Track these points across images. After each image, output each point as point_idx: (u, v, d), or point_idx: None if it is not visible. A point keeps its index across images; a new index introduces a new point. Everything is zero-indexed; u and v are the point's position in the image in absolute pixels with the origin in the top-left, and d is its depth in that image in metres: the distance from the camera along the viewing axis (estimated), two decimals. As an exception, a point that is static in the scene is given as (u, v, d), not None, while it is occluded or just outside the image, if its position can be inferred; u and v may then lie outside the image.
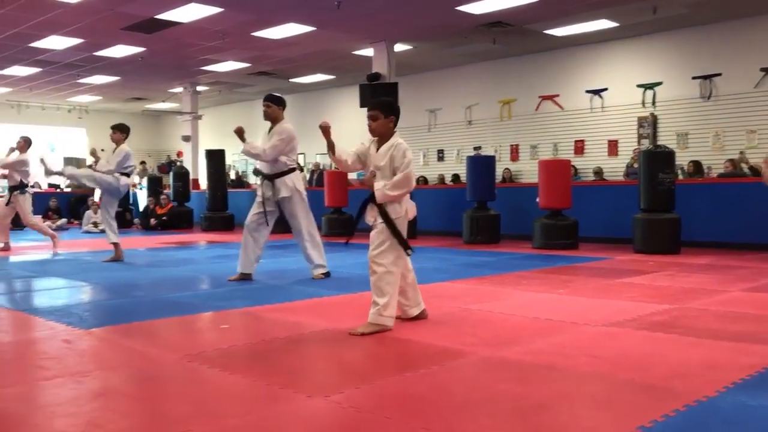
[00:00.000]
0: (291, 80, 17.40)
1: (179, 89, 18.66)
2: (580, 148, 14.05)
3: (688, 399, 2.61)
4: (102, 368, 3.26)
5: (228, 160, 16.43)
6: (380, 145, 4.00)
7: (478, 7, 10.96)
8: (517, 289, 5.62)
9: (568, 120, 14.24)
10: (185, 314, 4.61)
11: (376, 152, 4.00)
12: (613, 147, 13.61)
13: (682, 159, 11.62)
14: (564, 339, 3.72)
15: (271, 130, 6.02)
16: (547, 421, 2.44)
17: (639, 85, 13.11)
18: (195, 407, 2.62)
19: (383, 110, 4.00)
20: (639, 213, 8.70)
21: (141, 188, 18.49)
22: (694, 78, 12.37)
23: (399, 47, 13.57)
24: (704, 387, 2.76)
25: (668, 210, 8.53)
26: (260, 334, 3.97)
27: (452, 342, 3.63)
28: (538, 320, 4.25)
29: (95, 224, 13.93)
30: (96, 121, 21.67)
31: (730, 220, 8.95)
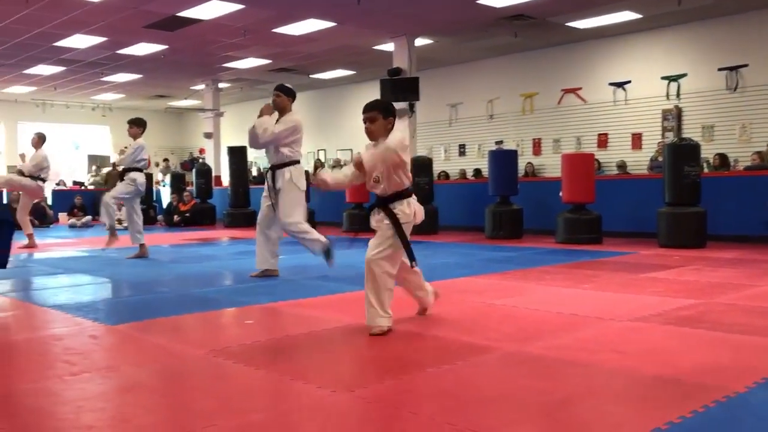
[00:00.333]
0: (311, 76, 17.42)
1: (201, 86, 18.78)
2: (603, 141, 13.91)
3: (717, 395, 2.57)
4: (128, 364, 3.29)
5: (250, 157, 16.50)
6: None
7: (499, 0, 10.88)
8: (541, 284, 5.58)
9: (591, 113, 14.10)
10: (209, 310, 4.64)
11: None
12: (636, 140, 13.45)
13: (707, 152, 11.45)
14: (589, 334, 3.69)
15: (278, 120, 6.07)
16: (572, 416, 2.42)
17: (663, 77, 12.94)
18: (220, 402, 2.64)
19: (382, 111, 3.78)
20: (664, 207, 8.60)
21: (164, 185, 18.66)
22: (720, 69, 12.17)
23: (420, 42, 13.52)
24: (733, 383, 2.72)
25: (694, 204, 8.42)
26: (283, 330, 3.98)
27: (476, 337, 3.61)
28: (562, 315, 4.21)
29: (119, 221, 14.05)
30: (120, 118, 21.78)
31: (757, 213, 8.80)
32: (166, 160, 22.31)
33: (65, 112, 21.27)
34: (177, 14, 11.47)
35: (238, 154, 14.98)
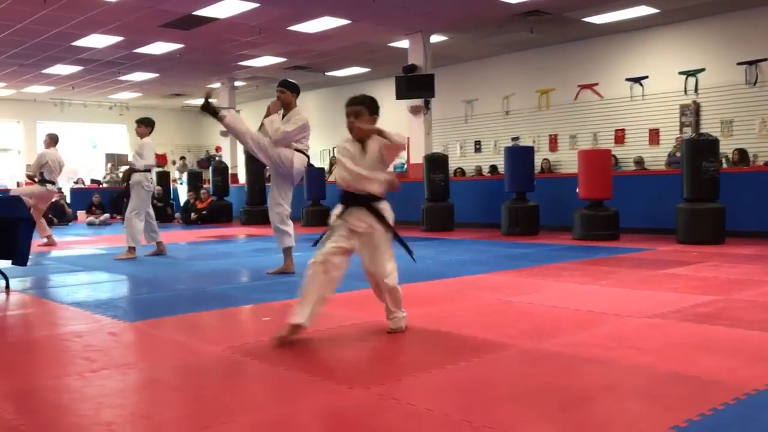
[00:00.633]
0: (327, 73, 17.44)
1: (217, 85, 18.86)
2: (620, 137, 13.81)
3: (737, 392, 2.54)
4: (147, 360, 3.32)
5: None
6: (364, 145, 3.53)
7: (514, -4, 10.84)
8: (558, 280, 5.56)
9: (607, 109, 14.00)
10: (227, 307, 4.67)
11: (362, 152, 3.53)
12: (654, 136, 13.34)
13: (726, 147, 11.34)
14: (606, 331, 3.67)
15: (284, 117, 6.10)
16: (590, 414, 2.41)
17: (681, 72, 12.82)
18: (238, 398, 2.66)
19: (369, 107, 3.53)
20: (682, 203, 8.53)
21: (181, 183, 18.77)
22: (739, 64, 12.03)
23: (435, 38, 13.49)
24: (753, 380, 2.69)
25: (712, 199, 8.34)
26: (300, 327, 3.99)
27: (493, 334, 3.61)
28: (579, 312, 4.19)
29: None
30: (137, 117, 21.99)
31: (777, 209, 8.72)
32: (182, 158, 22.44)
33: (83, 111, 21.46)
34: (193, 13, 11.52)
35: (254, 152, 15.00)
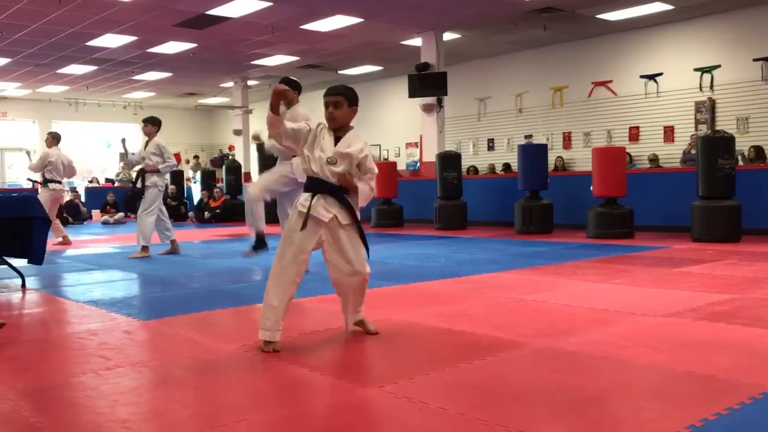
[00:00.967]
0: (339, 72, 17.45)
1: (230, 84, 18.94)
2: (634, 134, 13.73)
3: (753, 391, 2.52)
4: (161, 358, 3.34)
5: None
6: (338, 135, 3.55)
7: (527, -7, 10.81)
8: (572, 279, 5.53)
9: (622, 106, 13.92)
10: (240, 305, 4.69)
11: (333, 142, 3.53)
12: (669, 133, 13.25)
13: (742, 144, 11.24)
14: (621, 329, 3.65)
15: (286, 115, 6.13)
16: (604, 412, 2.39)
17: (696, 69, 12.72)
18: (251, 396, 2.66)
19: (348, 98, 3.53)
20: (697, 200, 8.46)
21: (194, 182, 18.85)
22: (756, 60, 11.92)
23: (447, 36, 13.46)
24: (770, 379, 2.67)
25: (728, 197, 8.27)
26: (313, 325, 4.00)
27: (507, 333, 3.60)
28: (593, 310, 4.17)
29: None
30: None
31: (794, 206, 8.63)
32: (196, 157, 22.55)
33: (97, 110, 21.60)
34: (206, 12, 11.57)
35: (266, 151, 15.04)
